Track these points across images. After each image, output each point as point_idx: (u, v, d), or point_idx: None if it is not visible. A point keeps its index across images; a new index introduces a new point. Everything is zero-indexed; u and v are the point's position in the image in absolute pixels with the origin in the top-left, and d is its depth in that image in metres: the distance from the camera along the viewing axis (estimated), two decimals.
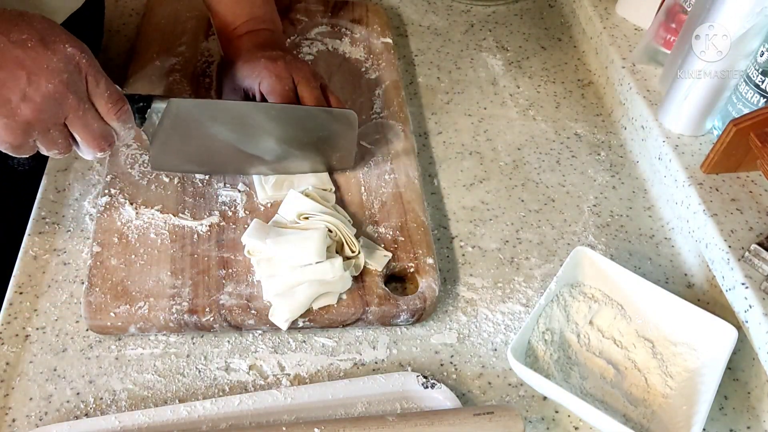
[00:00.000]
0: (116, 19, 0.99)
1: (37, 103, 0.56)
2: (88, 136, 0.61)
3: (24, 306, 0.67)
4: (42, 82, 0.56)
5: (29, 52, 0.56)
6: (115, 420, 0.59)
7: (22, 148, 0.59)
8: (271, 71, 0.74)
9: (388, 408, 0.62)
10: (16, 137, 0.58)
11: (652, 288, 0.69)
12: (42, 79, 0.56)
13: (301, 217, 0.71)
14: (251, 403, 0.61)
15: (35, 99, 0.56)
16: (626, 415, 0.64)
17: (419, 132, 0.90)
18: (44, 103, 0.57)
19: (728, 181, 0.78)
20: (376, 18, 1.01)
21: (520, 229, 0.80)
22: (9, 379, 0.63)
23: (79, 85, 0.58)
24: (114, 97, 0.61)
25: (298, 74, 0.75)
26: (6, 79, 0.55)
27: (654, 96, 0.88)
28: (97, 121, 0.61)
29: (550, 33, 1.08)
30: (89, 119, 0.60)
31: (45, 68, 0.56)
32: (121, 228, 0.71)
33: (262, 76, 0.74)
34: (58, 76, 0.57)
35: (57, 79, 0.57)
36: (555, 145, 0.90)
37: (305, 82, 0.75)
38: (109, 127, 0.62)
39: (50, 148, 0.60)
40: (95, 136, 0.61)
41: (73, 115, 0.59)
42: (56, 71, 0.57)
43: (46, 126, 0.58)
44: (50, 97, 0.57)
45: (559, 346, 0.67)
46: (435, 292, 0.69)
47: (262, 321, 0.66)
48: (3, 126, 0.57)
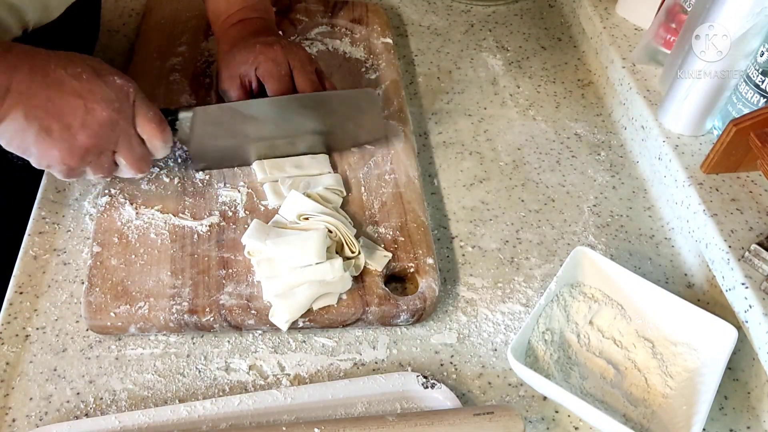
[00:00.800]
0: (116, 19, 0.99)
1: (94, 130, 0.62)
2: (132, 159, 0.66)
3: (24, 306, 0.68)
4: (98, 110, 0.62)
5: (85, 84, 0.62)
6: (115, 420, 0.59)
7: (75, 172, 0.65)
8: (267, 56, 0.76)
9: (388, 408, 0.62)
10: (74, 161, 0.63)
11: (652, 288, 0.69)
12: (97, 108, 0.62)
13: (301, 217, 0.71)
14: (251, 403, 0.61)
15: (93, 126, 0.62)
16: (626, 415, 0.64)
17: (419, 132, 0.90)
18: (100, 129, 0.63)
19: (728, 181, 0.78)
20: (376, 18, 1.01)
21: (520, 229, 0.80)
22: (9, 379, 0.63)
23: (127, 111, 0.64)
24: (157, 119, 0.66)
25: (294, 59, 0.77)
26: (66, 108, 0.61)
27: (654, 96, 0.88)
28: (140, 145, 0.67)
29: (550, 33, 1.08)
30: (134, 143, 0.66)
31: (99, 97, 0.62)
32: (121, 228, 0.71)
33: (259, 62, 0.76)
34: (111, 104, 0.63)
35: (110, 107, 0.63)
36: (555, 145, 0.90)
37: (301, 66, 0.77)
38: (147, 150, 0.68)
39: (97, 172, 0.66)
40: (137, 159, 0.67)
41: (122, 139, 0.65)
42: (109, 100, 0.63)
43: (100, 150, 0.64)
44: (105, 124, 0.63)
45: (559, 346, 0.67)
46: (435, 292, 0.69)
47: (262, 321, 0.66)
48: (66, 151, 0.62)
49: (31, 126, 0.60)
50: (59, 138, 0.62)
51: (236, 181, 0.77)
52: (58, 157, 0.63)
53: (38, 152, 0.63)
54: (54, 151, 0.62)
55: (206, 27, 0.93)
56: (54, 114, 0.61)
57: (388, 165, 0.80)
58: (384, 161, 0.81)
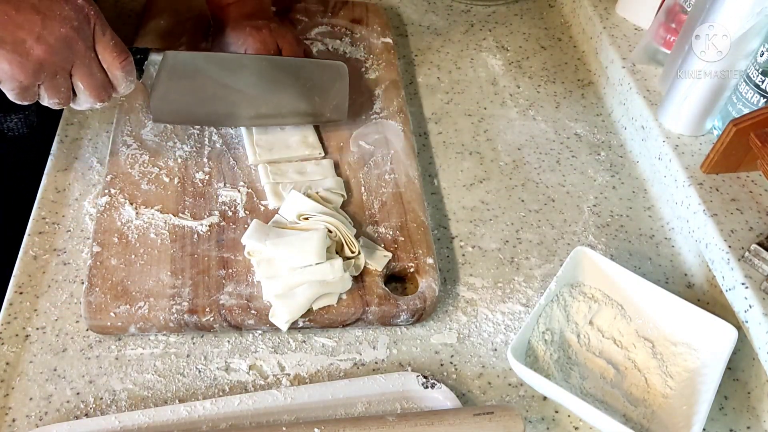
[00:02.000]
0: (116, 20, 0.99)
1: (50, 45, 0.61)
2: (91, 84, 0.65)
3: (24, 306, 0.67)
4: (55, 26, 0.61)
5: (44, 0, 0.61)
6: (115, 420, 0.59)
7: (29, 91, 0.63)
8: (255, 38, 0.79)
9: (388, 408, 0.62)
10: (27, 76, 0.61)
11: (652, 288, 0.69)
12: (55, 24, 0.61)
13: (301, 217, 0.71)
14: (251, 403, 0.61)
15: (48, 41, 0.61)
16: (626, 415, 0.64)
17: (419, 132, 0.90)
18: (56, 45, 0.61)
19: (728, 181, 0.78)
20: (376, 18, 1.01)
21: (520, 229, 0.80)
22: (9, 379, 0.63)
23: (87, 32, 0.63)
24: (118, 48, 0.65)
25: (282, 40, 0.80)
26: (22, 22, 0.60)
27: (654, 96, 0.88)
28: (101, 71, 0.65)
29: (550, 33, 1.08)
30: (93, 68, 0.64)
31: (58, 14, 0.61)
32: (121, 228, 0.71)
33: (248, 43, 0.79)
34: (69, 22, 0.61)
35: (68, 25, 0.61)
36: (555, 145, 0.90)
37: (289, 46, 0.80)
38: (108, 79, 0.66)
39: (53, 95, 0.64)
40: (97, 86, 0.65)
41: (80, 62, 0.63)
42: (68, 18, 0.61)
43: (55, 70, 0.62)
44: (62, 41, 0.61)
45: (559, 346, 0.67)
46: (435, 292, 0.69)
47: (262, 321, 0.66)
48: (17, 64, 0.61)
49: None
50: (11, 50, 0.60)
51: (236, 181, 0.77)
52: (9, 72, 0.61)
53: None
54: (5, 64, 0.61)
55: (206, 27, 0.93)
56: (8, 27, 0.60)
57: (388, 165, 0.80)
58: (384, 161, 0.81)
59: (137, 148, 0.78)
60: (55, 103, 0.65)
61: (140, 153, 0.78)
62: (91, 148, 0.82)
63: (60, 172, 0.79)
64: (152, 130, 0.80)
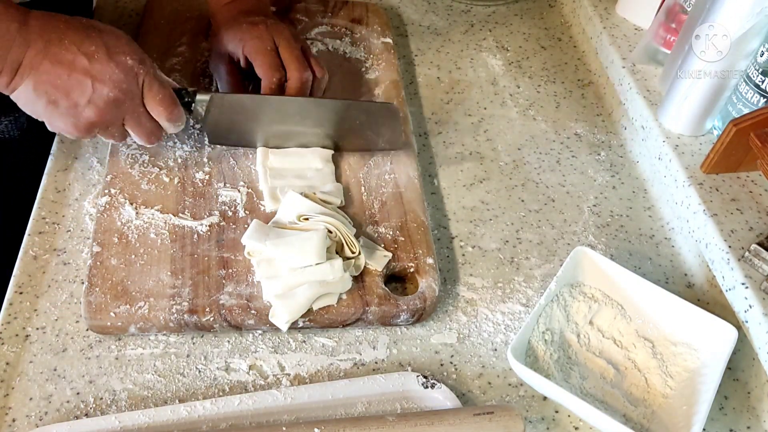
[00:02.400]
0: (116, 20, 0.99)
1: (99, 108, 0.66)
2: (141, 133, 0.71)
3: (24, 306, 0.67)
4: (104, 90, 0.65)
5: (95, 63, 0.65)
6: (115, 420, 0.59)
7: (85, 138, 0.70)
8: (252, 34, 0.80)
9: (388, 408, 0.62)
10: (81, 132, 0.68)
11: (652, 288, 0.69)
12: (105, 87, 0.65)
13: (301, 218, 0.71)
14: (251, 403, 0.61)
15: (98, 104, 0.66)
16: (626, 415, 0.64)
17: (419, 132, 0.90)
18: (105, 108, 0.66)
19: (728, 181, 0.78)
20: (376, 18, 1.01)
21: (520, 229, 0.80)
22: (9, 379, 0.63)
23: (135, 91, 0.68)
24: (166, 101, 0.69)
25: (279, 36, 0.80)
26: (74, 86, 0.64)
27: (654, 96, 0.88)
28: (150, 121, 0.70)
29: (550, 33, 1.08)
30: (143, 120, 0.70)
31: (108, 78, 0.65)
32: (121, 228, 0.71)
33: (245, 40, 0.80)
34: (118, 85, 0.66)
35: (117, 88, 0.66)
36: (555, 145, 0.90)
37: (286, 43, 0.80)
38: (158, 124, 0.71)
39: (108, 139, 0.71)
40: (146, 133, 0.71)
41: (129, 116, 0.69)
42: (117, 81, 0.66)
43: (106, 125, 0.68)
44: (111, 103, 0.66)
45: (559, 346, 0.67)
46: (435, 292, 0.69)
47: (262, 321, 0.66)
48: (71, 124, 0.67)
49: (39, 98, 0.65)
50: (65, 113, 0.66)
51: (236, 181, 0.77)
52: (64, 129, 0.67)
53: (47, 121, 0.67)
54: (60, 123, 0.67)
55: (206, 27, 0.93)
56: (62, 90, 0.64)
57: (388, 165, 0.80)
58: (384, 161, 0.81)
59: (137, 148, 0.78)
60: (112, 141, 0.72)
61: (140, 153, 0.78)
62: (91, 148, 0.82)
63: (60, 172, 0.79)
64: None
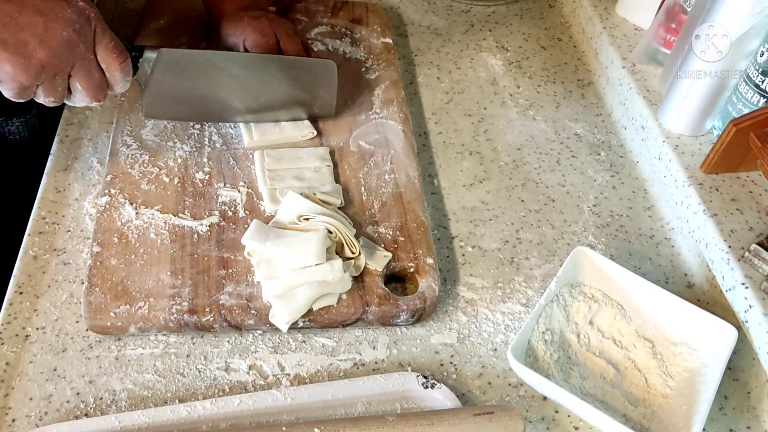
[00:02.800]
0: (116, 20, 0.99)
1: (52, 48, 0.62)
2: (89, 85, 0.66)
3: (24, 306, 0.67)
4: (57, 29, 0.62)
5: (47, 2, 0.62)
6: (115, 420, 0.59)
7: (27, 91, 0.64)
8: (254, 28, 0.81)
9: (388, 408, 0.62)
10: (29, 77, 0.62)
11: (652, 288, 0.69)
12: (57, 26, 0.62)
13: (301, 218, 0.71)
14: (251, 403, 0.61)
15: (51, 44, 0.62)
16: (626, 415, 0.64)
17: (419, 132, 0.90)
18: (58, 48, 0.62)
19: (728, 181, 0.78)
20: (376, 18, 1.01)
21: (520, 229, 0.80)
22: (9, 379, 0.63)
23: (88, 35, 0.64)
24: (118, 49, 0.67)
25: (280, 30, 0.81)
26: (26, 24, 0.61)
27: (654, 96, 0.88)
28: (99, 71, 0.67)
29: (550, 33, 1.08)
30: (92, 69, 0.66)
31: (60, 17, 0.62)
32: (121, 228, 0.71)
33: (246, 33, 0.81)
34: (71, 25, 0.63)
35: (71, 27, 0.63)
36: (555, 145, 0.90)
37: (287, 37, 0.81)
38: (105, 79, 0.68)
39: (49, 95, 0.65)
40: (94, 86, 0.67)
41: (79, 63, 0.65)
42: (70, 21, 0.63)
43: (55, 71, 0.64)
44: (63, 43, 0.63)
45: (559, 346, 0.67)
46: (435, 292, 0.69)
47: (262, 321, 0.66)
48: (20, 66, 0.62)
49: None
50: (14, 52, 0.61)
51: (236, 181, 0.77)
52: (11, 73, 0.62)
53: None
54: (7, 66, 0.61)
55: (206, 27, 0.93)
56: (12, 28, 0.61)
57: (388, 165, 0.80)
58: (384, 161, 0.81)
59: (137, 148, 0.78)
60: (50, 101, 0.66)
61: (140, 153, 0.78)
62: (91, 148, 0.82)
63: (60, 172, 0.79)
64: (152, 130, 0.80)
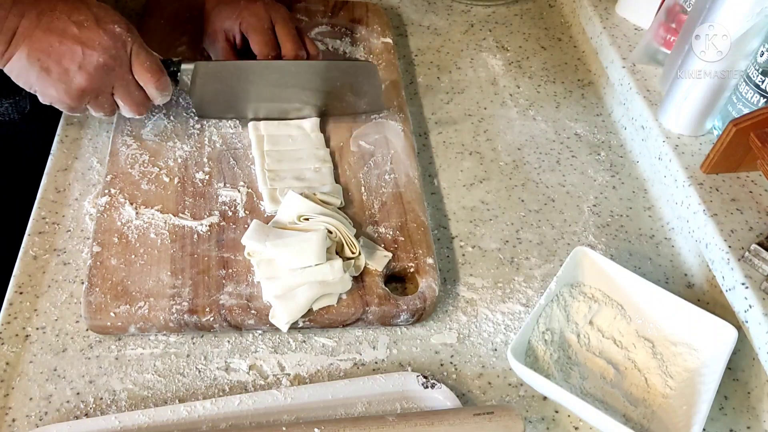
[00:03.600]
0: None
1: (89, 74, 0.68)
2: (130, 101, 0.73)
3: (24, 306, 0.67)
4: (94, 56, 0.68)
5: (84, 31, 0.67)
6: (115, 420, 0.59)
7: (77, 109, 0.71)
8: (250, 11, 0.82)
9: (388, 408, 0.62)
10: (73, 100, 0.70)
11: (652, 288, 0.69)
12: (94, 54, 0.68)
13: (301, 218, 0.71)
14: (251, 403, 0.61)
15: (89, 69, 0.68)
16: (626, 415, 0.64)
17: (419, 132, 0.90)
18: (95, 74, 0.69)
19: (728, 181, 0.78)
20: (376, 18, 1.01)
21: (520, 229, 0.80)
22: (9, 379, 0.63)
23: (124, 58, 0.70)
24: (153, 68, 0.72)
25: (276, 15, 0.83)
26: (66, 53, 0.67)
27: (654, 96, 0.88)
28: (138, 89, 0.73)
29: (550, 33, 1.08)
30: (131, 88, 0.72)
31: (97, 44, 0.68)
32: (121, 228, 0.71)
33: (242, 17, 0.82)
34: (107, 51, 0.68)
35: (106, 54, 0.68)
36: (555, 145, 0.90)
37: (282, 21, 0.83)
38: (146, 94, 0.73)
39: (98, 111, 0.73)
40: (136, 102, 0.73)
41: (118, 84, 0.71)
42: (106, 47, 0.68)
43: (97, 93, 0.70)
44: (100, 69, 0.68)
45: (559, 346, 0.67)
46: (435, 292, 0.69)
47: (262, 321, 0.66)
48: (63, 91, 0.69)
49: (32, 66, 0.67)
50: (57, 79, 0.68)
51: (236, 181, 0.77)
52: (56, 97, 0.69)
53: (39, 90, 0.69)
54: (52, 91, 0.69)
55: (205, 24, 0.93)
56: (54, 57, 0.67)
57: (388, 165, 0.80)
58: (384, 161, 0.81)
59: (137, 148, 0.78)
60: (101, 115, 0.73)
61: (140, 153, 0.78)
62: (91, 148, 0.82)
63: (60, 172, 0.79)
64: (152, 130, 0.80)
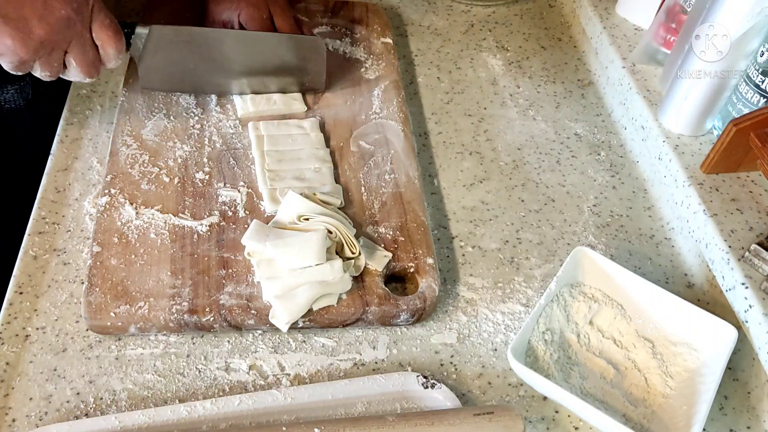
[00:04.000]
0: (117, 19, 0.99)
1: (51, 24, 0.66)
2: (83, 61, 0.70)
3: (24, 306, 0.67)
4: (57, 7, 0.66)
5: None
6: (115, 420, 0.59)
7: (25, 65, 0.68)
8: (249, 2, 0.84)
9: (388, 408, 0.62)
10: (28, 52, 0.66)
11: (652, 288, 0.69)
12: (57, 5, 0.66)
13: (301, 218, 0.71)
14: (251, 403, 0.61)
15: (50, 21, 0.66)
16: (626, 415, 0.64)
17: (419, 132, 0.90)
18: (56, 25, 0.66)
19: (728, 181, 0.78)
20: (376, 18, 1.01)
21: (520, 229, 0.80)
22: (9, 379, 0.63)
23: (85, 13, 0.68)
24: (113, 27, 0.71)
25: (274, 5, 0.85)
26: (27, 1, 0.64)
27: (654, 96, 0.88)
28: (93, 48, 0.70)
29: (550, 33, 1.08)
30: (87, 46, 0.70)
31: None
32: (121, 228, 0.71)
33: (241, 7, 0.84)
34: (70, 3, 0.66)
35: (69, 6, 0.66)
36: (555, 145, 0.90)
37: (280, 12, 0.85)
38: (99, 57, 0.71)
39: (45, 69, 0.69)
40: (88, 62, 0.71)
41: (76, 40, 0.68)
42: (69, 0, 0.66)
43: (52, 47, 0.67)
44: (62, 20, 0.66)
45: (559, 346, 0.67)
46: (435, 292, 0.69)
47: (262, 321, 0.66)
48: (19, 41, 0.65)
49: None
50: (14, 27, 0.65)
51: (236, 181, 0.77)
52: (11, 46, 0.65)
53: None
54: (8, 40, 0.65)
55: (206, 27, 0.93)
56: (14, 4, 0.64)
57: (388, 165, 0.80)
58: (384, 161, 0.81)
59: (137, 148, 0.78)
60: (46, 75, 0.69)
61: (140, 153, 0.78)
62: (91, 148, 0.82)
63: (60, 172, 0.79)
64: (152, 130, 0.80)
